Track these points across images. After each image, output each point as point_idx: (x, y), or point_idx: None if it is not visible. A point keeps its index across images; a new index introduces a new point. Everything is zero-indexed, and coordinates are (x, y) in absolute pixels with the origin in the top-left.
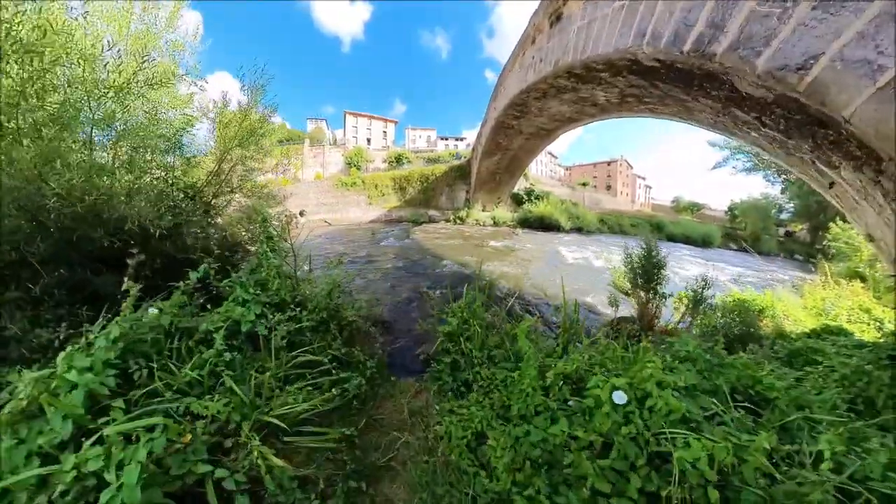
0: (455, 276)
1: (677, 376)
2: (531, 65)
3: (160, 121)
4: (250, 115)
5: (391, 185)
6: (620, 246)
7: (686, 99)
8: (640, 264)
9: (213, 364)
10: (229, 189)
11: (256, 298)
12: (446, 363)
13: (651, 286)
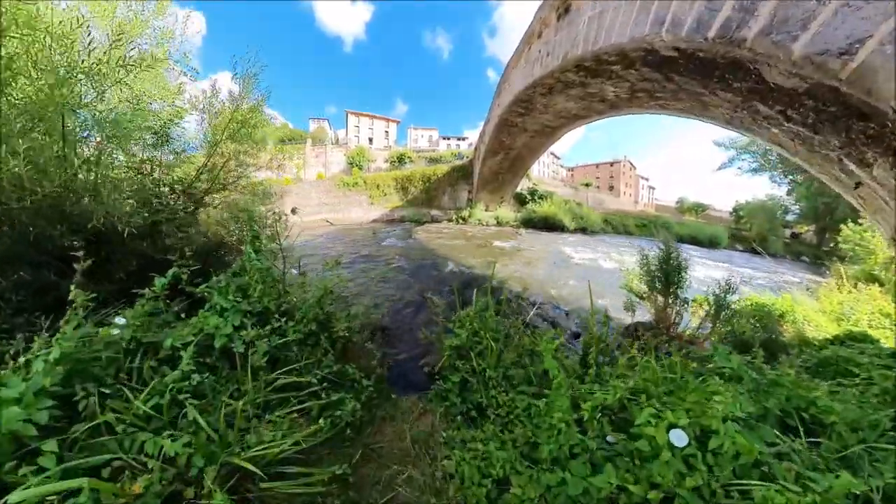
0: (460, 279)
1: (735, 405)
2: (537, 59)
3: (145, 111)
4: (241, 106)
5: (393, 184)
6: (626, 246)
7: (702, 93)
8: (658, 267)
9: (174, 390)
10: (221, 185)
11: (236, 307)
12: (454, 382)
13: (671, 290)
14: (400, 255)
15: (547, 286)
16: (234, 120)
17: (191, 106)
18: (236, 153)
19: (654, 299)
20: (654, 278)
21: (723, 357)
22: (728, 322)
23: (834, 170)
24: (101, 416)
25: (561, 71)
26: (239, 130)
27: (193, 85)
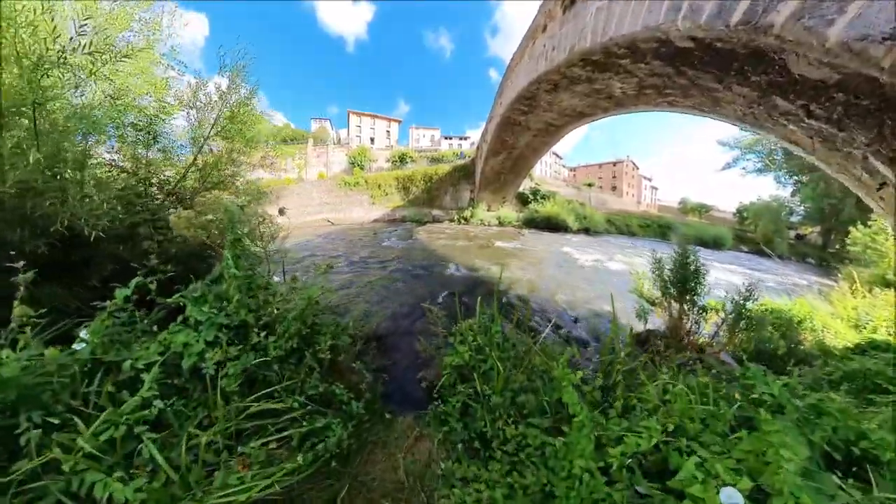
0: (462, 282)
1: (801, 454)
2: (542, 54)
3: (129, 107)
4: (230, 100)
5: (394, 184)
6: (631, 247)
7: (715, 88)
8: (673, 271)
9: (131, 422)
10: (211, 185)
11: (212, 319)
12: (454, 405)
13: (687, 297)
14: (400, 256)
15: (552, 290)
16: (222, 116)
17: (178, 102)
18: (228, 151)
19: (668, 306)
20: (668, 284)
21: (759, 380)
22: (749, 331)
23: (855, 169)
24: (47, 453)
25: (567, 66)
26: (226, 127)
27: (186, 81)
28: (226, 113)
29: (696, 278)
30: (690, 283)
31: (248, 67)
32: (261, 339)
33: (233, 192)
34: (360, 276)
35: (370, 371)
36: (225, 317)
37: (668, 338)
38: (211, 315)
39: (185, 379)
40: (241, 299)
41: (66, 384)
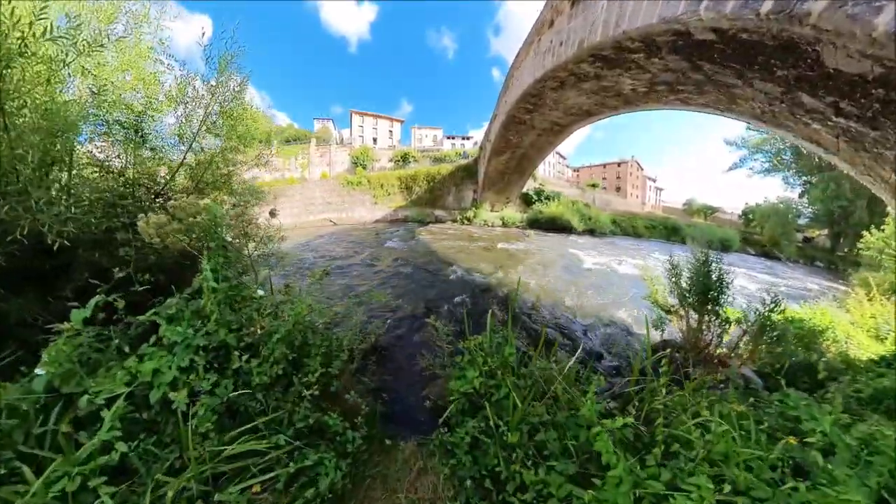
0: (466, 287)
1: None
2: (549, 50)
3: (114, 104)
4: (219, 94)
5: (397, 184)
6: (637, 249)
7: (734, 84)
8: (693, 279)
9: (86, 472)
10: (203, 185)
11: (188, 341)
12: (463, 437)
13: (708, 307)
14: (401, 258)
15: (561, 295)
16: (211, 111)
17: (166, 97)
18: (221, 150)
19: (686, 316)
20: (686, 292)
21: (804, 411)
22: (774, 345)
23: (884, 170)
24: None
25: (575, 62)
26: (217, 122)
27: (175, 76)
28: (215, 108)
29: (718, 287)
30: (712, 292)
31: (238, 59)
32: (243, 363)
33: (227, 192)
34: (360, 279)
35: (369, 390)
36: (203, 337)
37: (685, 349)
38: (187, 335)
39: (155, 411)
40: (221, 317)
41: (17, 424)
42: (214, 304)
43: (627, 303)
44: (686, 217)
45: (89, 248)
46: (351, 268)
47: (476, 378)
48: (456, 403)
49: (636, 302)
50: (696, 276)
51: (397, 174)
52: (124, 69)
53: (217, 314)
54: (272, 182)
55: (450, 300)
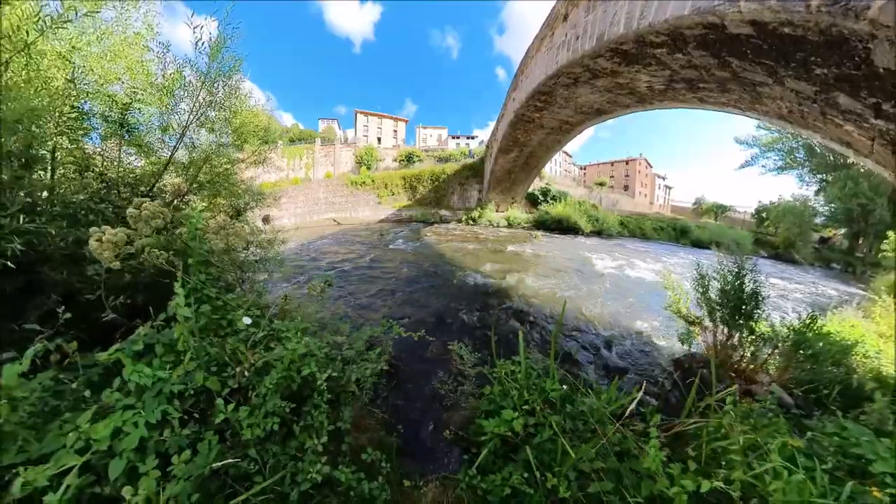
0: (478, 292)
1: None
2: (563, 44)
3: (93, 94)
4: (210, 82)
5: (401, 183)
6: (647, 251)
7: (763, 82)
8: (724, 291)
9: None
10: (197, 186)
11: (160, 386)
12: (501, 486)
13: (741, 322)
14: (408, 261)
15: (577, 303)
16: (201, 102)
17: (153, 88)
18: (218, 145)
19: (714, 330)
20: (716, 305)
21: (869, 449)
22: (810, 362)
23: None
24: None
25: (592, 57)
26: (208, 115)
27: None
28: (206, 98)
29: (754, 301)
30: (747, 306)
31: (234, 44)
32: (226, 413)
33: (225, 193)
34: (365, 284)
35: (382, 422)
36: (180, 378)
37: (712, 364)
38: (159, 379)
39: (121, 483)
40: (198, 355)
41: None
42: (189, 338)
43: (645, 311)
44: (695, 217)
45: (58, 264)
46: (354, 272)
47: (518, 419)
48: (489, 446)
49: (654, 310)
50: (728, 288)
51: (402, 174)
52: (107, 57)
53: (192, 351)
54: (277, 182)
55: (462, 309)
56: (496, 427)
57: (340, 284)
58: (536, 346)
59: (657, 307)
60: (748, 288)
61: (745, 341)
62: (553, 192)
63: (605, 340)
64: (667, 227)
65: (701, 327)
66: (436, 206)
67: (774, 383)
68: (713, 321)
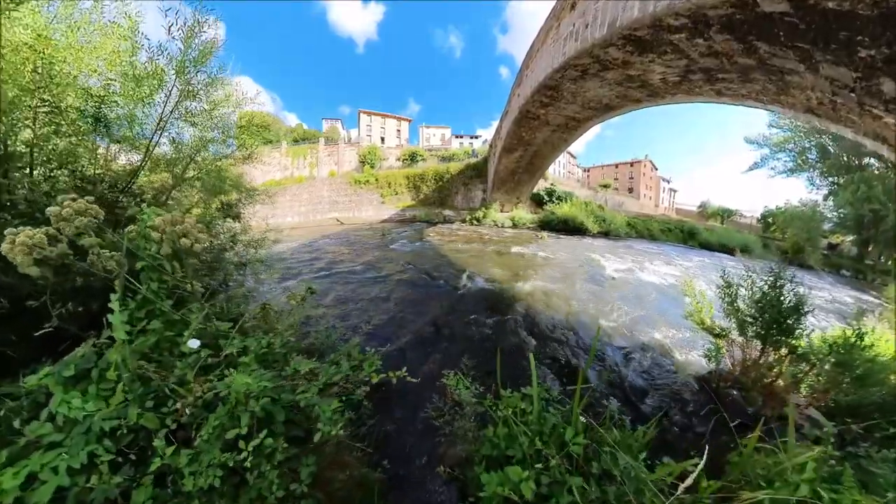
0: (481, 298)
1: None
2: (571, 34)
3: (64, 86)
4: (186, 71)
5: (405, 183)
6: (657, 253)
7: (794, 69)
8: (760, 303)
9: None
10: (180, 182)
11: (89, 423)
12: None
13: (777, 338)
14: (409, 262)
15: (590, 311)
16: (179, 92)
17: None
18: (202, 141)
19: (745, 345)
20: (747, 319)
21: None
22: (856, 385)
23: None
24: None
25: (602, 46)
26: (184, 106)
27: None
28: (182, 88)
29: (795, 315)
30: (786, 321)
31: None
32: (167, 458)
33: (211, 189)
34: (362, 287)
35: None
36: (113, 413)
37: (744, 385)
38: (90, 412)
39: None
40: (131, 388)
41: None
42: (124, 365)
43: (662, 320)
44: (701, 220)
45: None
46: (352, 274)
47: (525, 480)
48: None
49: (671, 319)
50: (763, 300)
51: (405, 173)
52: (82, 48)
53: (125, 383)
54: (281, 180)
55: (463, 318)
56: (499, 487)
57: (336, 287)
58: (547, 365)
59: (675, 315)
60: (788, 300)
61: (782, 360)
62: (558, 192)
63: (623, 354)
64: (675, 229)
65: (727, 341)
66: (440, 206)
67: (812, 406)
68: (744, 335)
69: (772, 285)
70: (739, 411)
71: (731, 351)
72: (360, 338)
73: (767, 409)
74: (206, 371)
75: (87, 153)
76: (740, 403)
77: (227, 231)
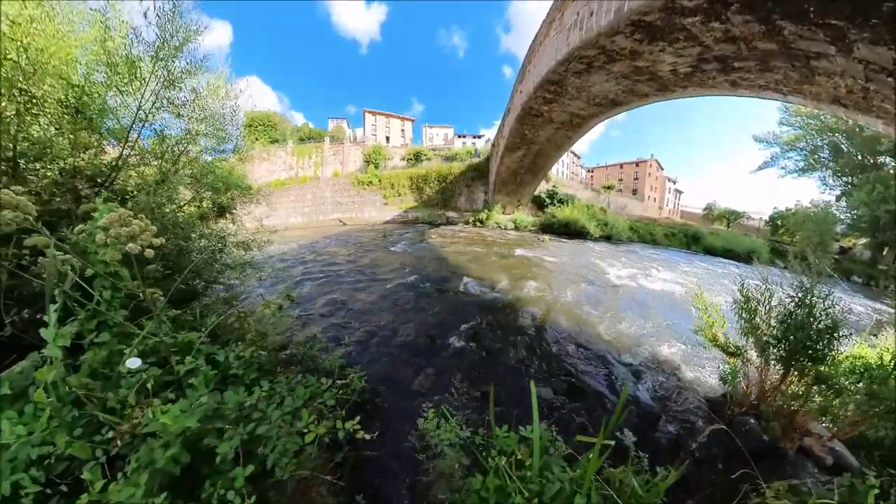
0: (482, 306)
1: None
2: (575, 24)
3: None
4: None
5: (408, 184)
6: (661, 259)
7: (823, 53)
8: (787, 322)
9: None
10: (162, 178)
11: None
12: None
13: (805, 363)
14: (408, 264)
15: (593, 320)
16: (157, 81)
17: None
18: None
19: (764, 369)
20: (774, 339)
21: None
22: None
23: None
24: None
25: (609, 34)
26: (161, 95)
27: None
28: (161, 76)
29: (828, 338)
30: (817, 345)
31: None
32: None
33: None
34: (357, 291)
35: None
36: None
37: (757, 409)
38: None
39: None
40: (58, 413)
41: None
42: (53, 387)
43: (669, 333)
44: (706, 223)
45: None
46: (347, 277)
47: None
48: None
49: (678, 332)
50: (790, 320)
51: (408, 173)
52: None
53: (52, 408)
54: (286, 180)
55: (460, 329)
56: None
57: (329, 291)
58: (547, 384)
59: (682, 328)
60: (820, 320)
61: (809, 388)
62: (560, 194)
63: (632, 372)
64: (678, 234)
65: (742, 360)
66: (442, 207)
67: (836, 438)
68: (764, 358)
69: (800, 303)
70: (755, 440)
71: (746, 371)
72: (349, 349)
73: (787, 440)
74: (148, 395)
75: (67, 146)
76: (756, 433)
77: (213, 232)
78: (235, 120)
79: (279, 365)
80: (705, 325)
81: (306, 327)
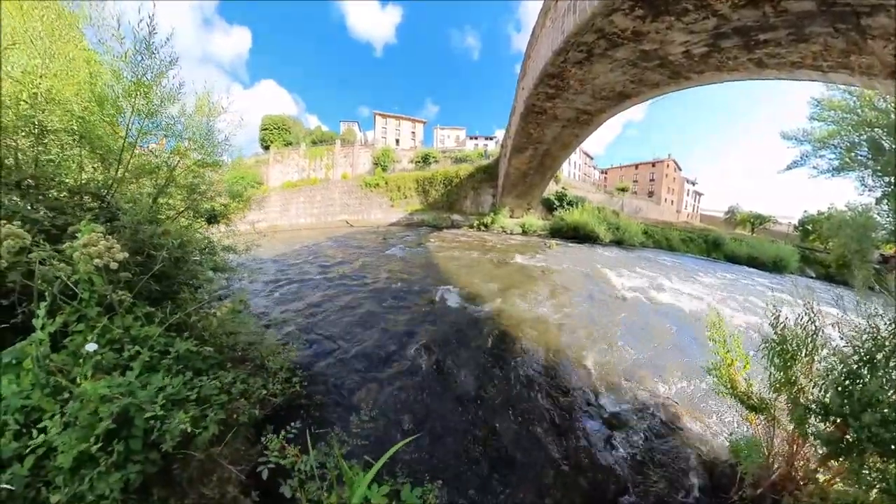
0: (453, 319)
1: None
2: (568, 9)
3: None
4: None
5: (414, 187)
6: (674, 266)
7: (881, 4)
8: (839, 384)
9: None
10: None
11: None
12: None
13: (870, 452)
14: (395, 270)
15: (587, 345)
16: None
17: None
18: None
19: (795, 442)
20: (814, 408)
21: None
22: None
23: None
24: None
25: (605, 12)
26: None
27: None
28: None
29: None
30: (875, 398)
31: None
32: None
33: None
34: (336, 296)
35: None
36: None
37: (777, 492)
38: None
39: None
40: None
41: None
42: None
43: (673, 362)
44: (728, 228)
45: None
46: (333, 281)
47: None
48: None
49: (687, 364)
50: (854, 386)
51: (414, 176)
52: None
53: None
54: (297, 182)
55: (420, 340)
56: None
57: (307, 294)
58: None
59: (692, 358)
60: (882, 374)
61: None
62: (569, 197)
63: (611, 417)
64: (696, 239)
65: (768, 418)
66: (448, 210)
67: None
68: (801, 430)
69: (869, 360)
70: None
71: (770, 433)
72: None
73: None
74: (110, 371)
75: (73, 168)
76: None
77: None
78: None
79: (233, 362)
80: (722, 362)
81: (271, 329)
